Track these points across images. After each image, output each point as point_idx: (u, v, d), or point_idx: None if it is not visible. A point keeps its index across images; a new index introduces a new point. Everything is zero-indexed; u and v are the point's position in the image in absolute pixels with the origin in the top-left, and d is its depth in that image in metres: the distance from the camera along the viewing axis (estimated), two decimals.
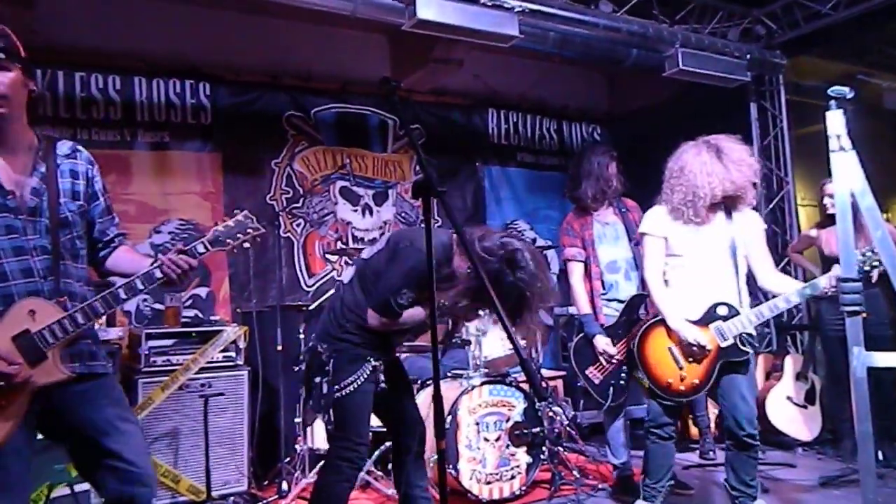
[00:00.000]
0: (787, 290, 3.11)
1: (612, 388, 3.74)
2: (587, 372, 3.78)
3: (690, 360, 3.11)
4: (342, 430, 2.72)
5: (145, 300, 4.68)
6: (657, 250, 3.24)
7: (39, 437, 2.09)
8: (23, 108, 2.05)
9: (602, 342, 3.69)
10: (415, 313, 2.70)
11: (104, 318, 3.09)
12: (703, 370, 3.11)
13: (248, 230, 2.22)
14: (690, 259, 3.17)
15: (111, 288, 2.07)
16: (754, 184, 3.14)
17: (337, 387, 2.68)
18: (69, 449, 2.12)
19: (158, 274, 2.09)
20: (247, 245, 2.22)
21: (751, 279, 3.26)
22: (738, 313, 3.10)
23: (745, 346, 3.11)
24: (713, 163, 3.07)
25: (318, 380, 2.73)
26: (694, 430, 5.13)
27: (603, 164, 3.88)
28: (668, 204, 3.20)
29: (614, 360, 3.67)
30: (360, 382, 2.69)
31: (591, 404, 5.17)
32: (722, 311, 3.11)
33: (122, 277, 2.17)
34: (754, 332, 3.17)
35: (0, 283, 1.96)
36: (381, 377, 2.77)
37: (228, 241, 2.19)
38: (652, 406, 3.24)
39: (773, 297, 3.12)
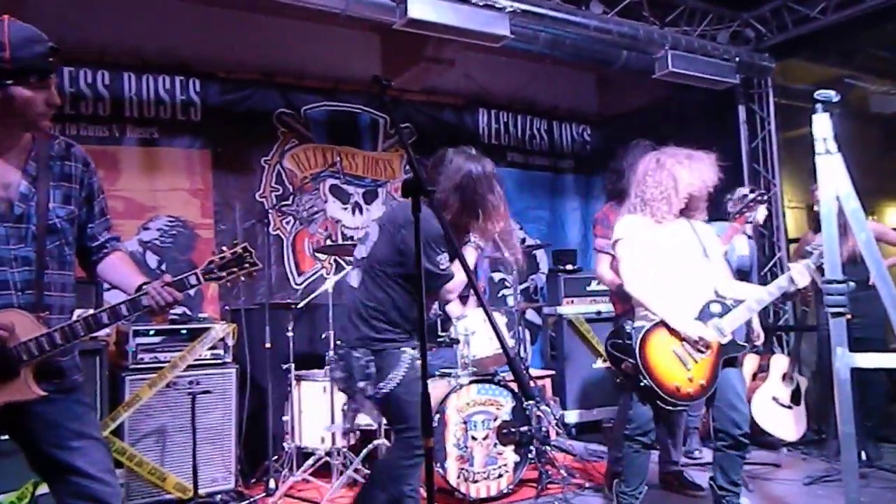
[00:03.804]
0: (747, 295, 3.13)
1: None
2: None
3: (697, 360, 3.04)
4: (403, 421, 2.73)
5: None
6: (634, 255, 3.17)
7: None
8: None
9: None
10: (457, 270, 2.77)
11: None
12: (709, 371, 3.06)
13: (246, 265, 2.11)
14: (666, 267, 3.13)
15: (95, 311, 1.99)
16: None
17: (381, 384, 2.70)
18: (26, 454, 2.00)
19: (145, 302, 2.01)
20: (243, 279, 2.12)
21: None
22: (730, 309, 3.09)
23: (742, 339, 3.14)
24: (686, 161, 3.12)
25: (362, 384, 2.75)
26: None
27: None
28: (639, 206, 3.20)
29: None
30: (402, 374, 2.70)
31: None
32: (716, 308, 3.10)
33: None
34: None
35: None
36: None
37: (223, 274, 2.09)
38: (640, 412, 3.16)
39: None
